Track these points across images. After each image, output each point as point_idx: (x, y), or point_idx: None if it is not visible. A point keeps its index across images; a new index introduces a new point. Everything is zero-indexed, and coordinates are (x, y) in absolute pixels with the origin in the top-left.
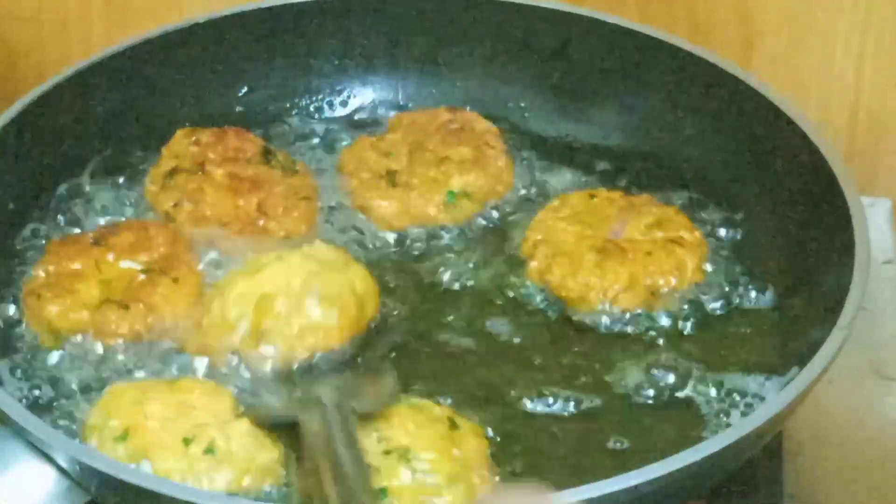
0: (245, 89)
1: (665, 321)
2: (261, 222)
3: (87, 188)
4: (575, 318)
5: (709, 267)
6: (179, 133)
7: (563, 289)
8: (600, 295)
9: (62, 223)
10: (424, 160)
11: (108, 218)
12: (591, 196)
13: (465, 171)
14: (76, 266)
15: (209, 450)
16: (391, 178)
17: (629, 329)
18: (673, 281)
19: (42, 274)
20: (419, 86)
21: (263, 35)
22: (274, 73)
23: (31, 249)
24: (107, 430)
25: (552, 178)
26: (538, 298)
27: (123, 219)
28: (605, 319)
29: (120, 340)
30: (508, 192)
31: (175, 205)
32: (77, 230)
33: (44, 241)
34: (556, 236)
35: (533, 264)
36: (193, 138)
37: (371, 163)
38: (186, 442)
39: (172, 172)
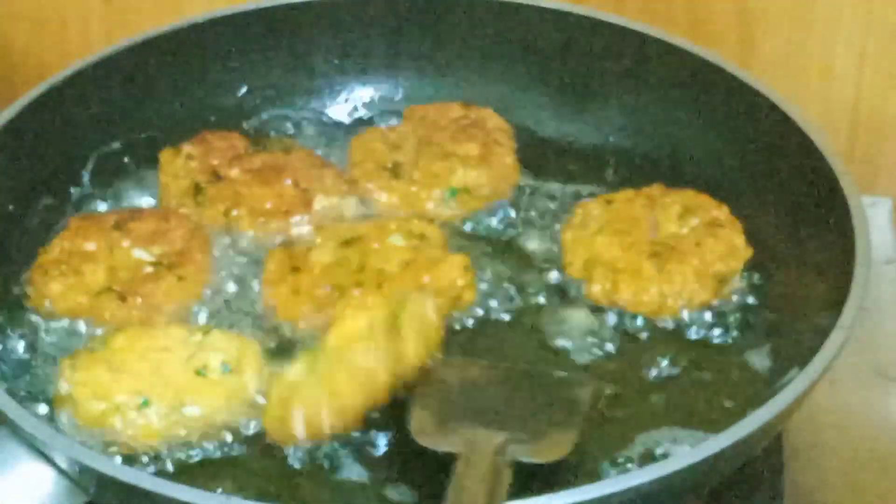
0: (245, 89)
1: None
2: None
3: (86, 188)
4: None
5: None
6: (165, 156)
7: (640, 305)
8: (677, 300)
9: (61, 223)
10: (431, 154)
11: None
12: (609, 202)
13: (470, 167)
14: (90, 246)
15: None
16: (395, 169)
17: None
18: (732, 263)
19: (57, 249)
20: (418, 86)
21: (263, 35)
22: (273, 73)
23: (29, 250)
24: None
25: (552, 177)
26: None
27: None
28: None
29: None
30: (513, 192)
31: (225, 212)
32: None
33: (43, 244)
34: (603, 253)
35: (595, 287)
36: (183, 156)
37: (378, 153)
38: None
39: (196, 190)
